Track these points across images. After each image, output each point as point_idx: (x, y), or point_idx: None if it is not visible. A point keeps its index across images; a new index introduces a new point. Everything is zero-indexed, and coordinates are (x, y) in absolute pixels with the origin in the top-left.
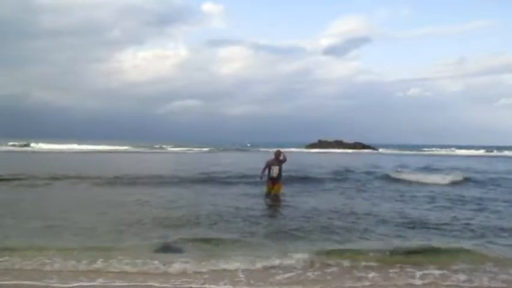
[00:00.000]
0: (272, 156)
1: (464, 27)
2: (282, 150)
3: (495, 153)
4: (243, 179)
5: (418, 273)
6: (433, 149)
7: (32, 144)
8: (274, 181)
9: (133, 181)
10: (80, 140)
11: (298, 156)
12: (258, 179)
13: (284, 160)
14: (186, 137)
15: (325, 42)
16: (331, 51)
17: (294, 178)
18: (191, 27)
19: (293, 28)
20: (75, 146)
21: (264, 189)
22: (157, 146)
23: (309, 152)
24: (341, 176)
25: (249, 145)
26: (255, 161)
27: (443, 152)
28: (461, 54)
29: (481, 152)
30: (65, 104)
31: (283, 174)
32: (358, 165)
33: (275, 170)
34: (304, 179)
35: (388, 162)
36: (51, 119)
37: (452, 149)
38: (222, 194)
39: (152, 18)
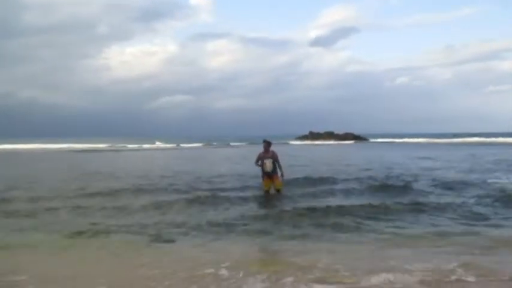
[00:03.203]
0: (262, 149)
1: (452, 14)
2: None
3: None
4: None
5: None
6: (428, 138)
7: None
8: (269, 176)
9: None
10: (63, 138)
11: (304, 152)
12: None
13: (276, 158)
14: (174, 132)
15: (313, 33)
16: (320, 42)
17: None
18: (179, 22)
19: (282, 20)
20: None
21: None
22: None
23: (314, 145)
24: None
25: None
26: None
27: (450, 140)
28: (450, 42)
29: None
30: (52, 102)
31: None
32: (400, 166)
33: (268, 164)
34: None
35: (419, 160)
36: (38, 118)
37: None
38: None
39: (139, 14)
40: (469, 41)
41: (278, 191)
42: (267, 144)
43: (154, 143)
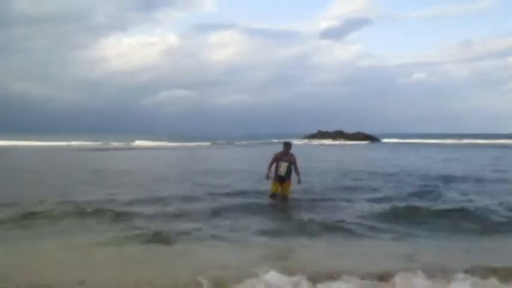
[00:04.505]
0: (280, 149)
1: (470, 7)
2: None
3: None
4: None
5: None
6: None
7: None
8: (281, 180)
9: None
10: (55, 134)
11: (316, 155)
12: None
13: (294, 162)
14: (175, 129)
15: (323, 25)
16: (330, 34)
17: None
18: (180, 12)
19: (289, 10)
20: None
21: None
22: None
23: (323, 145)
24: None
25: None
26: None
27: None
28: (468, 37)
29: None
30: (44, 96)
31: None
32: None
33: (283, 167)
34: None
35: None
36: (29, 112)
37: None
38: None
39: (137, 3)
40: (488, 35)
41: (285, 197)
42: (288, 146)
43: (134, 141)
